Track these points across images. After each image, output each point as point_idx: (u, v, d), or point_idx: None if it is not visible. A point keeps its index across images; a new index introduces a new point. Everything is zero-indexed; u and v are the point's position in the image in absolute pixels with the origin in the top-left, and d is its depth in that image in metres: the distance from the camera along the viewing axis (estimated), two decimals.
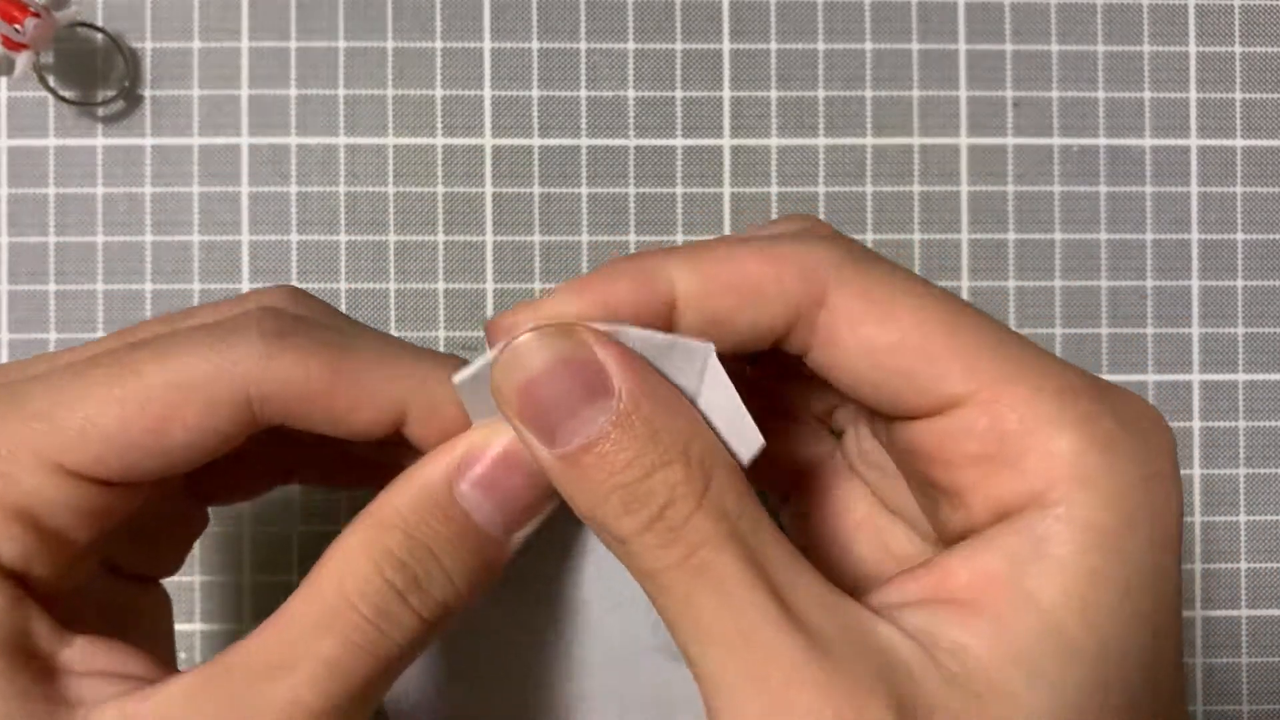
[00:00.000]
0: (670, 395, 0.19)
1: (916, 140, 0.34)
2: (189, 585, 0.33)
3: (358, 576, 0.19)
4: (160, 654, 0.22)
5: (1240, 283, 0.34)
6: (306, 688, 0.18)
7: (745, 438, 0.19)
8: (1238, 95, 0.35)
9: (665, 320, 0.19)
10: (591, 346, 0.18)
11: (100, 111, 0.33)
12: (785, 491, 0.24)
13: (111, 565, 0.23)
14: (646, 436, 0.18)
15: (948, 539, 0.20)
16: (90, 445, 0.19)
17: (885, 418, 0.20)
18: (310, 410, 0.20)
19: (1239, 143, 0.34)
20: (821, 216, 0.34)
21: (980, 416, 0.18)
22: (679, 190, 0.34)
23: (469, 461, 0.20)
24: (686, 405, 0.19)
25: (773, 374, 0.23)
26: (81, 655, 0.19)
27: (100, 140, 0.33)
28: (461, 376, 0.19)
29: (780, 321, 0.19)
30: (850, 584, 0.19)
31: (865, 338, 0.19)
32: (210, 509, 0.26)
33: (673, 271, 0.19)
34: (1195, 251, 0.34)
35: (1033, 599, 0.17)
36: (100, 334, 0.33)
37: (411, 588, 0.19)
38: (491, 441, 0.20)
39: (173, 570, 0.25)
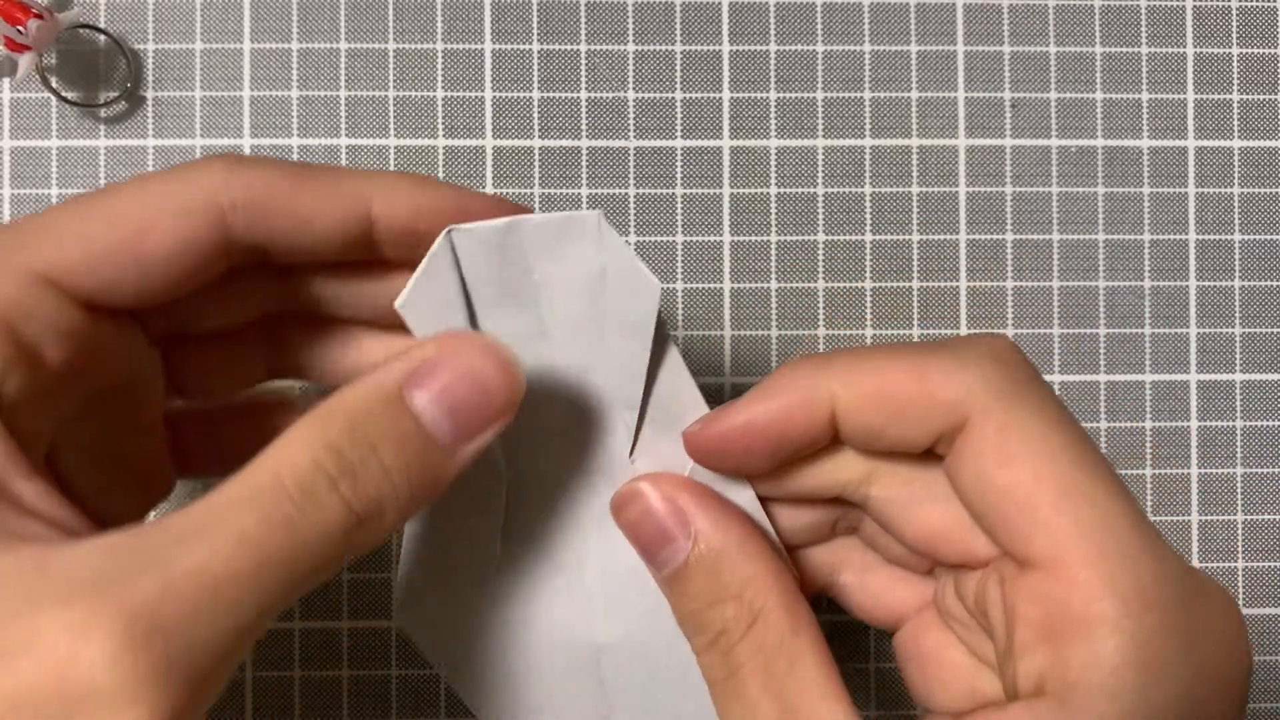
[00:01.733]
0: (741, 539, 0.22)
1: (915, 141, 0.34)
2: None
3: (291, 458, 0.18)
4: None
5: (1237, 283, 0.34)
6: (216, 556, 0.17)
7: (642, 288, 0.22)
8: (1235, 96, 0.35)
9: (828, 433, 0.22)
10: (677, 496, 0.22)
11: (102, 113, 0.33)
12: (895, 627, 0.26)
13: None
14: (712, 574, 0.22)
15: (1008, 690, 0.21)
16: (69, 253, 0.20)
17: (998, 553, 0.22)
18: (277, 213, 0.21)
19: (1236, 144, 0.35)
20: (820, 217, 0.34)
21: (1053, 587, 0.19)
22: (679, 191, 0.34)
23: (423, 369, 0.20)
24: (757, 549, 0.22)
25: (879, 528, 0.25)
26: (36, 496, 0.19)
27: (102, 141, 0.33)
28: (403, 298, 0.21)
29: (926, 438, 0.21)
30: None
31: (983, 472, 0.20)
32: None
33: (832, 386, 0.21)
34: (1193, 252, 0.34)
35: None
36: None
37: (344, 474, 0.18)
38: (437, 349, 0.20)
39: (139, 514, 0.24)
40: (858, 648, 0.34)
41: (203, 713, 0.17)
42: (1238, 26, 0.35)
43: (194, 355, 0.24)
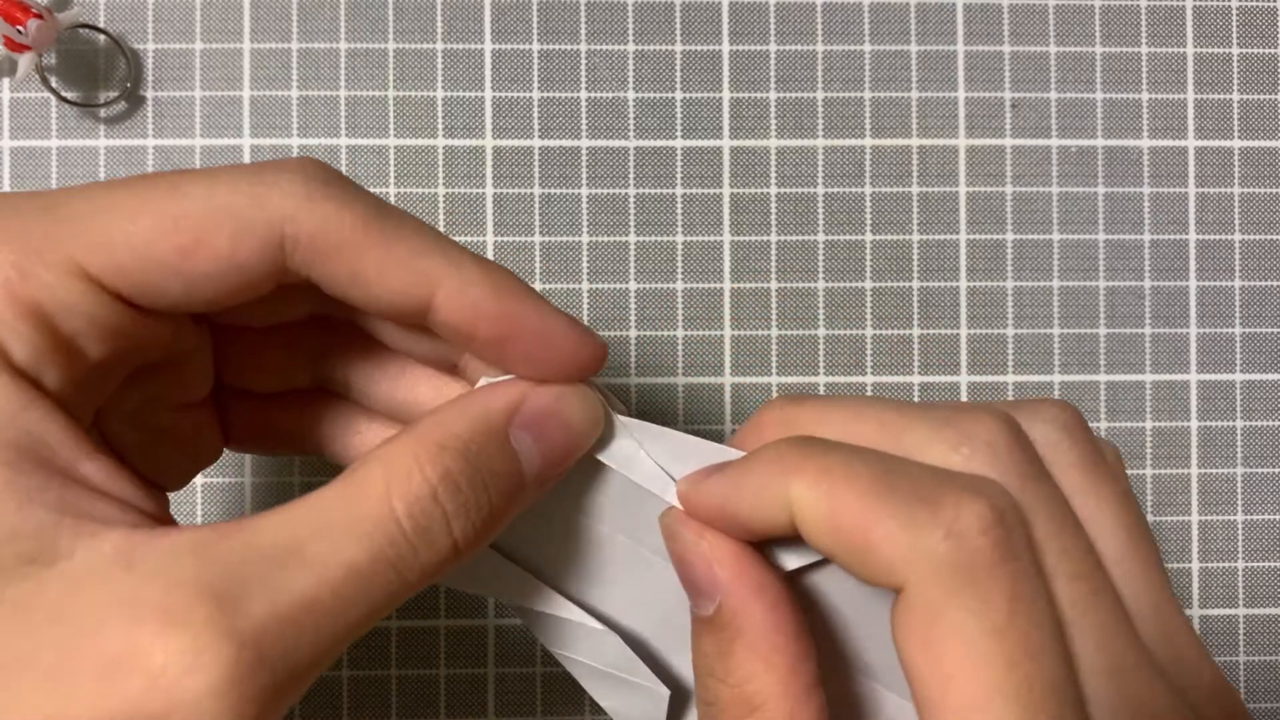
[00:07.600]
0: (763, 627, 0.19)
1: (915, 141, 0.34)
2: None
3: (409, 491, 0.18)
4: None
5: (1237, 283, 0.34)
6: (323, 586, 0.17)
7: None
8: (1235, 96, 0.35)
9: (792, 528, 0.19)
10: (713, 552, 0.19)
11: (102, 113, 0.33)
12: None
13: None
14: (722, 650, 0.19)
15: None
16: (115, 252, 0.18)
17: None
18: (339, 264, 0.19)
19: (1236, 144, 0.35)
20: (820, 217, 0.34)
21: None
22: (679, 191, 0.34)
23: (527, 409, 0.20)
24: (776, 641, 0.19)
25: None
26: (103, 474, 0.18)
27: (102, 141, 0.33)
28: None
29: (867, 577, 0.19)
30: None
31: (905, 642, 0.18)
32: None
33: (792, 494, 0.19)
34: (1193, 252, 0.34)
35: None
36: None
37: (459, 513, 0.18)
38: (543, 393, 0.20)
39: (176, 485, 0.24)
40: None
41: None
42: (1238, 26, 0.35)
43: (240, 346, 0.23)
